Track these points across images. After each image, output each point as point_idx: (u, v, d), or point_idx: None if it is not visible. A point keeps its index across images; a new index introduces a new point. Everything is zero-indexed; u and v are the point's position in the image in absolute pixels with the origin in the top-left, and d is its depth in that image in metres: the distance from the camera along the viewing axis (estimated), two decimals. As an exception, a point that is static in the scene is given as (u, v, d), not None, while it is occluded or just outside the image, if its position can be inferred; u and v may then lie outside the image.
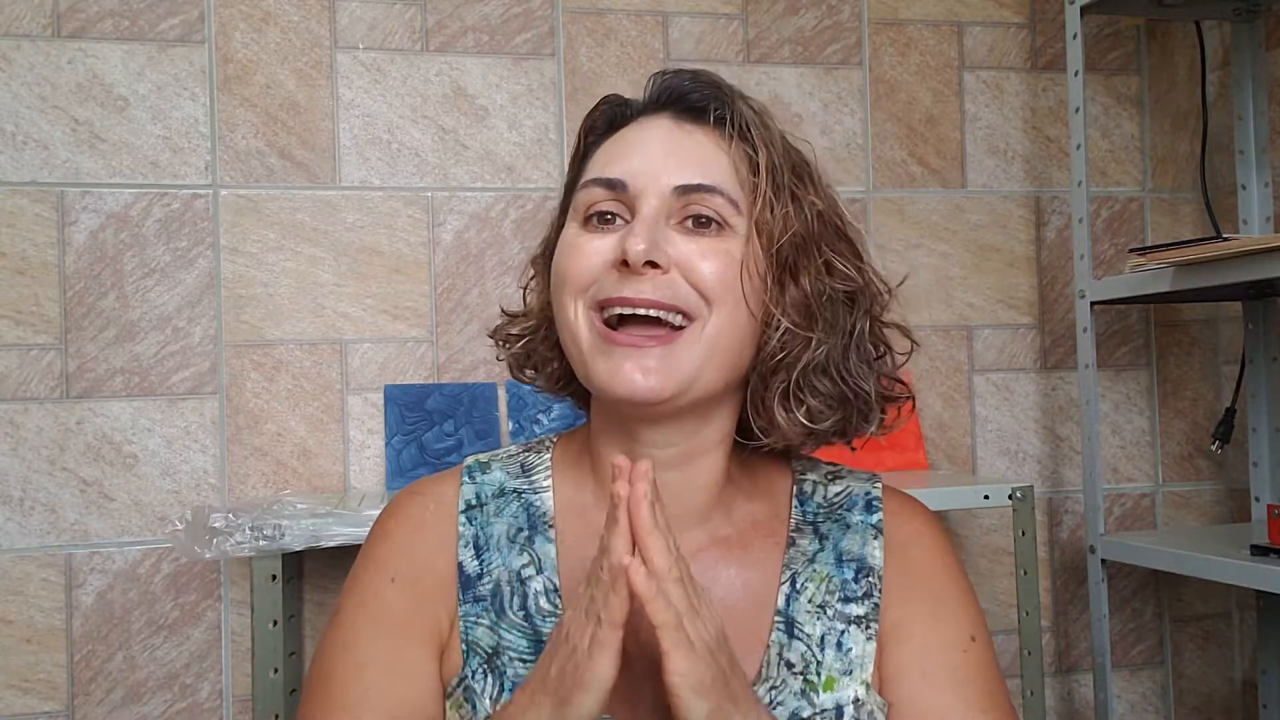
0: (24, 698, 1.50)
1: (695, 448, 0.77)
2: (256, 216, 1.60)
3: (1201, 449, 1.90)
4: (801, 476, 0.85)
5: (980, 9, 1.85)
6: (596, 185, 0.75)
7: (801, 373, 0.74)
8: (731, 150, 0.75)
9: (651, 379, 0.71)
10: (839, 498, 0.84)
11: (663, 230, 0.73)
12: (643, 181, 0.74)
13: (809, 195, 0.76)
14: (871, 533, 0.82)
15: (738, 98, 0.77)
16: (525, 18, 1.69)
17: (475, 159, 1.67)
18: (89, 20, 1.56)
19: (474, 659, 0.76)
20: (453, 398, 1.62)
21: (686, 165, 0.74)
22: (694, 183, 0.73)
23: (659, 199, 0.73)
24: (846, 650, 0.77)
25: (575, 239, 0.75)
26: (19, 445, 1.52)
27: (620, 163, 0.76)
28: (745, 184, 0.75)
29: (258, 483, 1.58)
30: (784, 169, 0.75)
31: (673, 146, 0.75)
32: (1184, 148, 1.92)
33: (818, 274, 0.75)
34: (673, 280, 0.72)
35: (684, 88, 0.77)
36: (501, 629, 0.76)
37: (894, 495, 0.85)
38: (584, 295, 0.74)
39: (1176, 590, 1.88)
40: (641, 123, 0.78)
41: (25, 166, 1.54)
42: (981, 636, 0.79)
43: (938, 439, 1.80)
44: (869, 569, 0.80)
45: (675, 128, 0.76)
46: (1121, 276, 1.57)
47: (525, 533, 0.80)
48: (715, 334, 0.72)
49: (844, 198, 0.89)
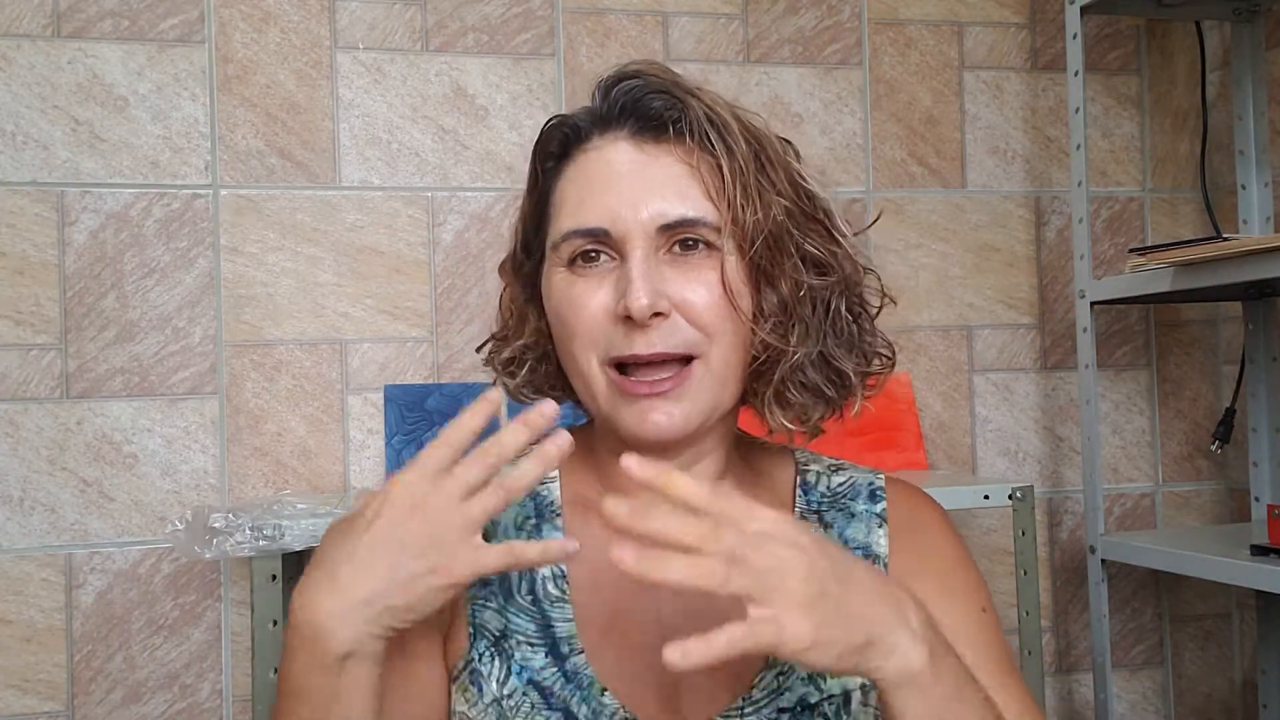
0: (24, 698, 1.50)
1: (700, 450, 0.78)
2: (256, 216, 1.60)
3: (1201, 449, 1.90)
4: (805, 467, 0.86)
5: (980, 9, 1.85)
6: (578, 237, 0.74)
7: (787, 371, 0.75)
8: (696, 162, 0.74)
9: (676, 421, 0.73)
10: (843, 487, 0.84)
11: (656, 271, 0.72)
12: (624, 225, 0.73)
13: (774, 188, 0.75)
14: (876, 521, 0.82)
15: (692, 96, 0.75)
16: (525, 18, 1.69)
17: (475, 159, 1.67)
18: (89, 20, 1.56)
19: (481, 641, 0.76)
20: (453, 398, 1.62)
21: (664, 196, 0.73)
22: (675, 219, 0.73)
23: (644, 239, 0.73)
24: None
25: (569, 289, 0.75)
26: (19, 445, 1.52)
27: (593, 204, 0.74)
28: (716, 194, 0.74)
29: (258, 483, 1.58)
30: (748, 167, 0.74)
31: (642, 177, 0.74)
32: (1184, 148, 1.92)
33: (794, 269, 0.75)
34: (675, 325, 0.73)
35: (637, 96, 0.75)
36: (510, 613, 0.77)
37: (897, 485, 0.86)
38: (595, 349, 0.74)
39: (1176, 590, 1.88)
40: (599, 147, 0.76)
41: (25, 166, 1.54)
42: (990, 609, 0.81)
43: (938, 439, 1.80)
44: (874, 557, 0.81)
45: (637, 153, 0.75)
46: (1121, 276, 1.57)
47: (533, 521, 0.80)
48: (722, 363, 0.74)
49: (844, 198, 0.88)
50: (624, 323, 0.72)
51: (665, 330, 0.72)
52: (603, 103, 0.77)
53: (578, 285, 0.75)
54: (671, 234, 0.73)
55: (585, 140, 0.77)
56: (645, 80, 0.75)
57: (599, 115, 0.77)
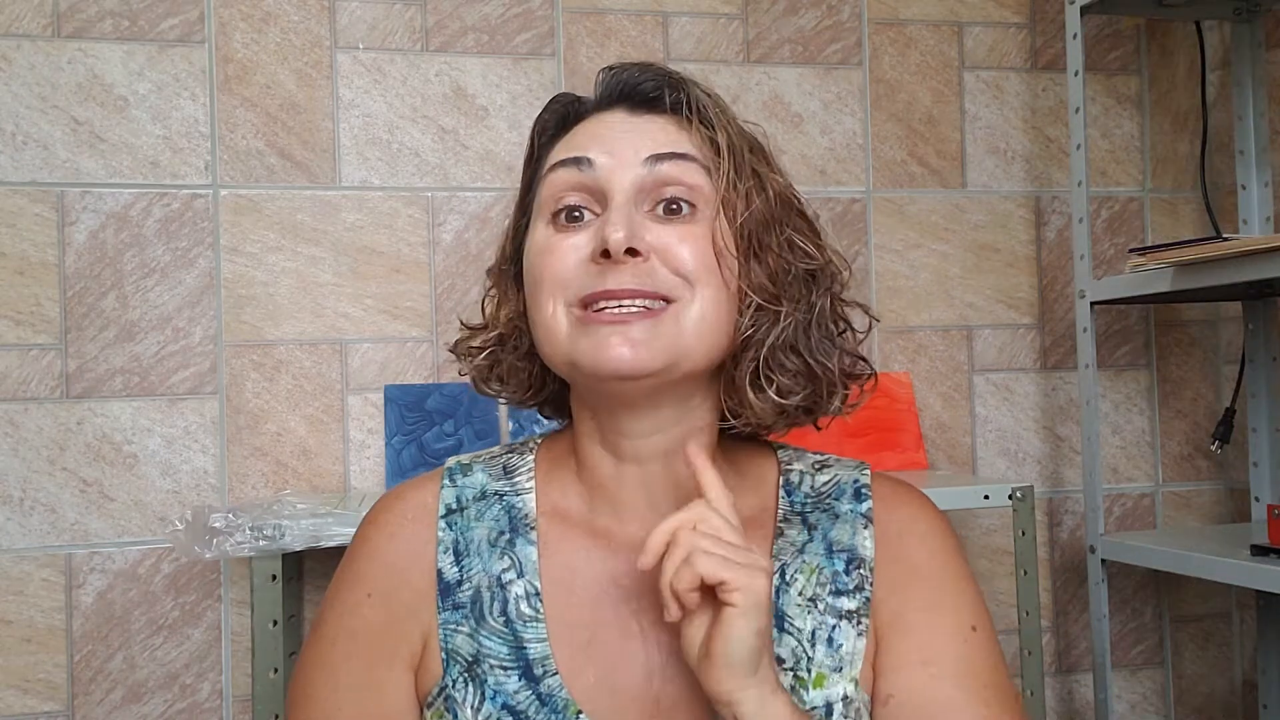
0: (24, 698, 1.50)
1: (677, 436, 0.76)
2: (256, 216, 1.60)
3: (1201, 449, 1.90)
4: (788, 467, 0.83)
5: (980, 9, 1.85)
6: (563, 167, 0.74)
7: (770, 350, 0.73)
8: (692, 133, 0.75)
9: (640, 351, 0.69)
10: (827, 487, 0.82)
11: (638, 218, 0.72)
12: (609, 158, 0.73)
13: (769, 173, 0.76)
14: (861, 521, 0.80)
15: (690, 84, 0.76)
16: (525, 18, 1.69)
17: (475, 159, 1.67)
18: (89, 20, 1.56)
19: (454, 667, 0.75)
20: (453, 398, 1.62)
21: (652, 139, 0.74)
22: (666, 150, 0.73)
23: (631, 181, 0.73)
24: (837, 646, 0.75)
25: (547, 240, 0.74)
26: (19, 445, 1.52)
27: (582, 143, 0.75)
28: (711, 165, 0.74)
29: (258, 483, 1.58)
30: (743, 149, 0.75)
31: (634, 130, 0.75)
32: (1184, 148, 1.92)
33: (781, 251, 0.74)
34: (653, 267, 0.71)
35: (635, 79, 0.77)
36: (481, 636, 0.75)
37: (883, 481, 0.83)
38: (563, 293, 0.72)
39: (1176, 590, 1.88)
40: (596, 118, 0.78)
41: (25, 166, 1.54)
42: (983, 625, 0.77)
43: (938, 439, 1.80)
44: (860, 560, 0.78)
45: (632, 116, 0.76)
46: (1121, 276, 1.57)
47: (506, 536, 0.78)
48: (700, 315, 0.71)
49: (844, 197, 0.88)
50: (599, 260, 0.71)
51: (642, 270, 0.71)
52: (602, 86, 0.79)
53: (555, 238, 0.74)
54: (659, 176, 0.73)
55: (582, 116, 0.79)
56: (643, 68, 0.78)
57: (598, 97, 0.79)
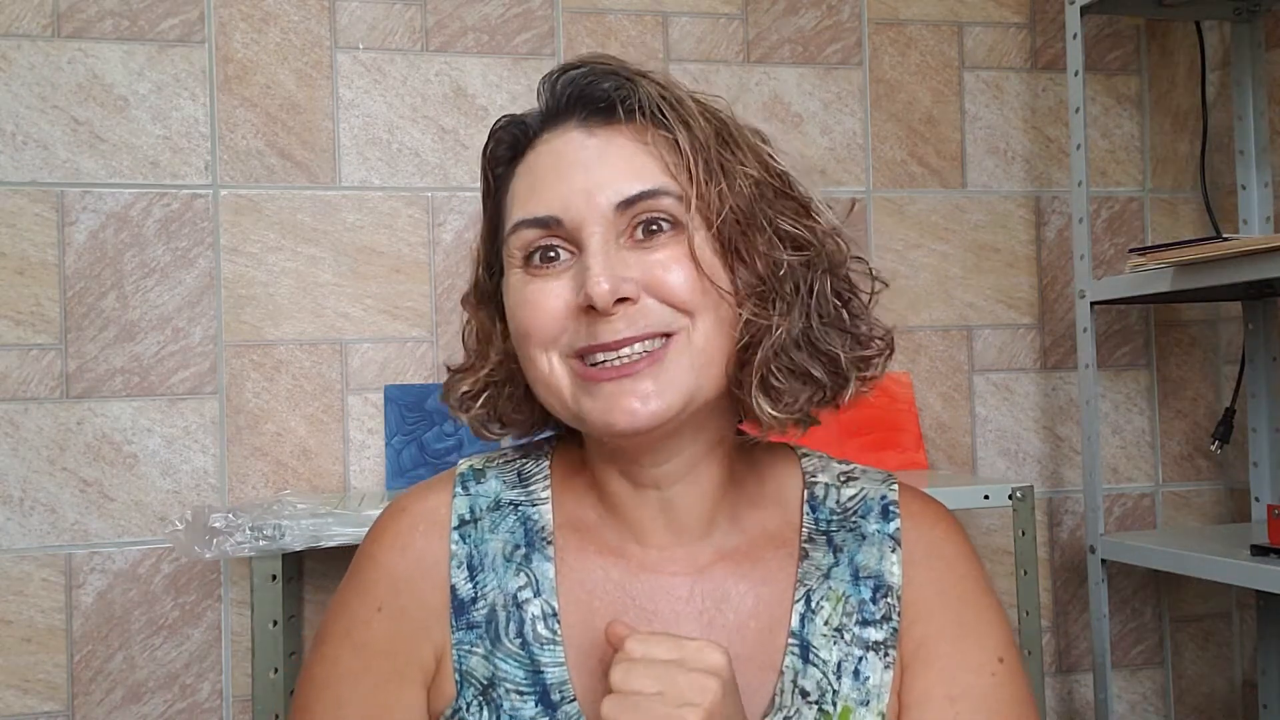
0: (24, 698, 1.50)
1: (695, 454, 0.73)
2: (256, 216, 1.60)
3: (1201, 449, 1.90)
4: (813, 479, 0.79)
5: (980, 9, 1.85)
6: (526, 228, 0.69)
7: (772, 354, 0.69)
8: (651, 140, 0.69)
9: (652, 403, 0.66)
10: (853, 503, 0.78)
11: (618, 257, 0.67)
12: (577, 212, 0.68)
13: (740, 163, 0.70)
14: (890, 544, 0.76)
15: (640, 77, 0.70)
16: (525, 18, 1.69)
17: (475, 159, 1.65)
18: (89, 20, 1.56)
19: (469, 690, 0.72)
20: (453, 398, 1.62)
21: (617, 176, 0.68)
22: (634, 193, 0.68)
23: (601, 224, 0.67)
24: (864, 679, 0.72)
25: (523, 289, 0.70)
26: (19, 445, 1.52)
27: (544, 193, 0.69)
28: (676, 169, 0.68)
29: (258, 483, 1.58)
30: (709, 143, 0.69)
31: (593, 160, 0.69)
32: (1184, 148, 1.92)
33: (768, 246, 0.69)
34: (645, 308, 0.67)
35: (582, 84, 0.71)
36: (497, 659, 0.72)
37: (911, 499, 0.80)
38: (555, 346, 0.69)
39: (1176, 590, 1.88)
40: (549, 140, 0.71)
41: (25, 166, 1.54)
42: (1010, 656, 0.75)
43: (938, 439, 1.80)
44: (887, 587, 0.75)
45: (587, 136, 0.70)
46: (1121, 276, 1.57)
47: (522, 550, 0.75)
48: (704, 342, 0.68)
49: (844, 197, 0.87)
50: (586, 314, 0.67)
51: (634, 316, 0.66)
52: (549, 97, 0.73)
53: (533, 284, 0.69)
54: (632, 213, 0.68)
55: (535, 137, 0.73)
56: (590, 67, 0.71)
57: (547, 110, 0.73)
